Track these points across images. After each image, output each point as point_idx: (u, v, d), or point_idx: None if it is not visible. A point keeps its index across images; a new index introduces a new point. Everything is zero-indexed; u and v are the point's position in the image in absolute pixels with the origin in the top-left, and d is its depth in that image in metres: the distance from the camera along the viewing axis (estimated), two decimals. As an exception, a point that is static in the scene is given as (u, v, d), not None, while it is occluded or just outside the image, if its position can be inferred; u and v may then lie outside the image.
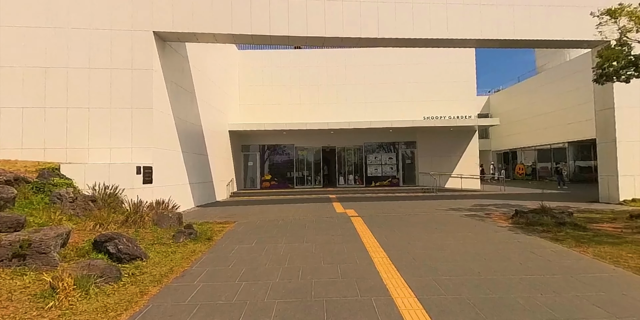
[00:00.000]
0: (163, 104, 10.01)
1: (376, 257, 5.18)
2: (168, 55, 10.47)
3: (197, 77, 12.95)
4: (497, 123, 16.98)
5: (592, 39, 10.75)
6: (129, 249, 5.18)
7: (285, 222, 8.39)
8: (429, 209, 10.27)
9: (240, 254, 5.55)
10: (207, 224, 8.04)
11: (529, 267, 4.63)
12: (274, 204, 12.93)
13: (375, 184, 19.48)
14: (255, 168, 19.62)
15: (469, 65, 19.33)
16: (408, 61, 19.43)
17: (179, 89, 11.19)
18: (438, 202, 12.38)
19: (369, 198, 14.58)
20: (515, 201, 12.06)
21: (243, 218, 9.18)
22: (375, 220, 8.35)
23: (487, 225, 7.53)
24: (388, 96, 19.36)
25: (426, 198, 14.16)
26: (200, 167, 12.96)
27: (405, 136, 19.47)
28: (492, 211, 9.55)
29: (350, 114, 19.06)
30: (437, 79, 19.28)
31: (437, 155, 19.17)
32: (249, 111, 19.24)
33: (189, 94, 12.13)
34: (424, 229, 7.25)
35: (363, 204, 12.15)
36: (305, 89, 19.43)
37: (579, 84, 22.32)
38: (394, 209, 10.58)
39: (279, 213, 10.09)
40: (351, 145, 19.80)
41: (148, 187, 9.04)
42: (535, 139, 26.65)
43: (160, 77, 9.91)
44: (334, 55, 19.61)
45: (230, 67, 17.94)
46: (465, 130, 18.94)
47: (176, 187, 10.59)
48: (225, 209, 11.35)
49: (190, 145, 12.07)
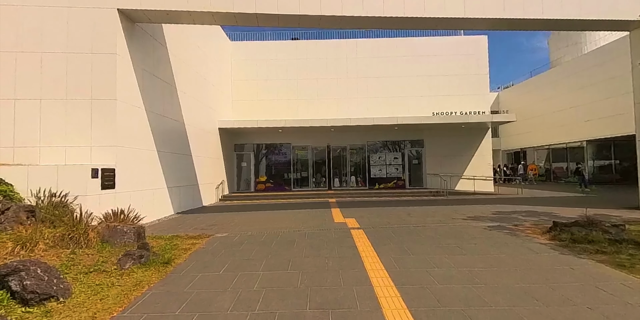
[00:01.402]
0: (131, 95, 8.55)
1: (385, 297, 3.68)
2: (139, 40, 9.01)
3: (179, 68, 11.49)
4: (513, 119, 15.44)
5: (632, 18, 9.39)
6: (40, 284, 3.73)
7: (271, 236, 6.91)
8: (443, 218, 8.76)
9: (200, 289, 4.07)
10: (175, 240, 6.58)
11: (607, 317, 3.14)
12: (266, 210, 11.46)
13: (379, 186, 17.96)
14: (249, 169, 18.14)
15: (481, 57, 17.77)
16: (415, 53, 17.89)
17: (153, 79, 9.73)
18: (452, 208, 10.87)
19: (372, 203, 13.07)
20: (541, 207, 10.52)
21: (223, 229, 7.71)
22: (381, 234, 6.85)
23: (522, 242, 6.01)
24: (393, 91, 17.82)
25: (437, 203, 12.63)
26: (182, 168, 11.51)
27: (411, 134, 17.94)
28: (520, 221, 8.02)
29: (352, 110, 17.57)
30: (447, 73, 17.73)
31: (447, 155, 17.62)
32: (243, 107, 17.77)
33: (168, 87, 10.67)
34: (444, 248, 5.73)
35: (366, 210, 10.65)
36: (303, 83, 17.93)
37: (598, 78, 20.69)
38: (401, 217, 9.08)
39: (268, 223, 8.62)
40: (353, 144, 18.28)
41: (109, 193, 7.58)
42: (549, 138, 25.01)
43: (128, 64, 8.45)
44: (335, 46, 18.09)
45: (222, 59, 16.48)
46: (477, 128, 17.39)
47: (149, 193, 9.14)
48: (208, 217, 9.89)
49: (170, 144, 10.62)
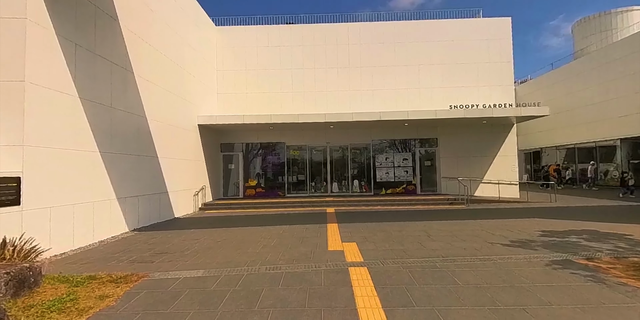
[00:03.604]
0: (54, 77, 6.35)
1: None
2: (70, 5, 6.81)
3: (141, 50, 9.29)
4: (546, 113, 13.05)
5: None
6: None
7: (229, 281, 4.64)
8: (477, 242, 6.44)
9: None
10: (84, 286, 4.35)
11: None
12: (247, 224, 9.21)
13: (386, 192, 15.64)
14: (237, 172, 15.91)
15: (505, 42, 15.37)
16: (427, 38, 15.54)
17: (95, 60, 7.53)
18: (480, 223, 8.54)
19: (378, 214, 10.78)
20: (597, 224, 8.14)
21: (169, 263, 5.47)
22: (395, 279, 4.54)
23: (622, 299, 3.70)
24: (402, 82, 15.49)
25: (459, 215, 10.31)
26: (144, 173, 9.31)
27: (424, 131, 15.59)
28: (589, 250, 5.69)
29: (354, 103, 15.27)
30: (464, 60, 15.36)
31: (464, 155, 15.26)
32: (229, 101, 15.54)
33: (121, 71, 8.46)
34: (504, 316, 3.43)
35: (371, 226, 8.36)
36: (299, 73, 15.65)
37: (634, 68, 18.21)
38: (419, 240, 6.77)
39: (239, 248, 6.36)
40: (356, 143, 15.97)
41: (8, 213, 5.38)
42: (574, 136, 22.50)
43: (48, 35, 6.25)
44: (336, 31, 15.79)
45: (205, 46, 14.26)
46: (499, 124, 15.01)
47: (84, 207, 6.93)
48: (167, 237, 7.66)
49: (123, 144, 8.42)
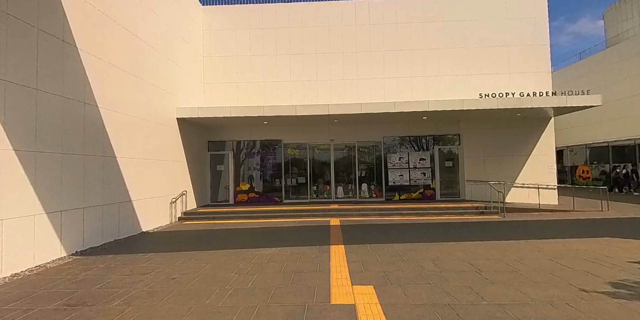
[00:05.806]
0: None
1: None
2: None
3: (94, 22, 7.16)
4: (598, 102, 10.68)
5: None
6: None
7: None
8: (560, 286, 4.17)
9: None
10: None
11: None
12: (222, 247, 7.00)
13: (400, 198, 13.41)
14: (227, 174, 13.77)
15: (540, 21, 13.03)
16: (448, 17, 13.27)
17: (6, 19, 5.39)
18: (540, 246, 6.26)
19: (396, 229, 8.56)
20: None
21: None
22: None
23: None
24: (418, 68, 13.23)
25: (500, 230, 8.07)
26: (94, 178, 7.17)
27: (444, 127, 13.34)
28: None
29: (362, 94, 13.06)
30: (492, 43, 13.07)
31: (491, 154, 12.97)
32: (218, 92, 13.39)
33: (54, 42, 6.32)
34: None
35: (391, 252, 6.12)
36: (298, 59, 13.47)
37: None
38: (471, 284, 4.50)
39: (186, 304, 4.11)
40: (364, 140, 13.76)
41: None
42: (609, 132, 20.09)
43: None
44: (341, 10, 13.57)
45: (188, 28, 12.11)
46: (534, 117, 12.68)
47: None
48: (106, 270, 5.45)
49: (59, 140, 6.29)
